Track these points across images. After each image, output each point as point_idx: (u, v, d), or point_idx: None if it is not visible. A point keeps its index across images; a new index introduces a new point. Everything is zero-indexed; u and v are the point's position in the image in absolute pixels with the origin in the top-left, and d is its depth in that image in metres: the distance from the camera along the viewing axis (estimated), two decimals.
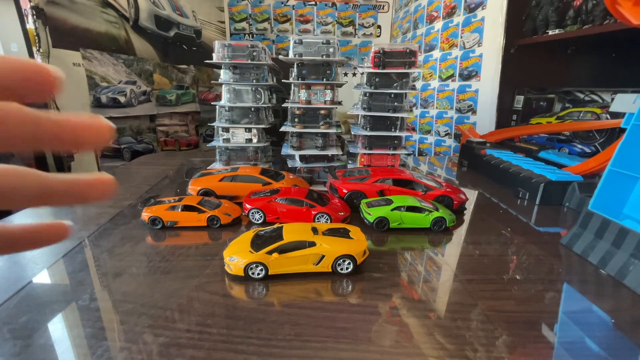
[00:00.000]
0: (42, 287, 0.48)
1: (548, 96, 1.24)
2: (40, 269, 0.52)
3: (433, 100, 1.84)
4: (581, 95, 1.12)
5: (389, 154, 0.97)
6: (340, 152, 0.95)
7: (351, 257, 0.50)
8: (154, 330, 0.38)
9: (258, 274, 0.49)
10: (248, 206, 0.69)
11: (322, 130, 0.92)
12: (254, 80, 0.94)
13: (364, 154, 0.97)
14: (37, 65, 0.14)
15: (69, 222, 0.19)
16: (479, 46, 1.52)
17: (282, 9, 2.31)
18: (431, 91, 1.85)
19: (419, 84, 1.94)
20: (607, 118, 1.04)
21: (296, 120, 0.92)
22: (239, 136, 0.98)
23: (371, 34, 2.38)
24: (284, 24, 2.34)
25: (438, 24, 1.76)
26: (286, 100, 0.95)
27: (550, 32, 1.19)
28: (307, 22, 2.34)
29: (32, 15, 1.29)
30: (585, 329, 0.41)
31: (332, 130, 0.93)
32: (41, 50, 1.31)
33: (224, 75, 0.95)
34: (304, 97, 0.91)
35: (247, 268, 0.48)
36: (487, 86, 1.49)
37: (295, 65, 0.89)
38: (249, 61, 0.91)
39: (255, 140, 0.98)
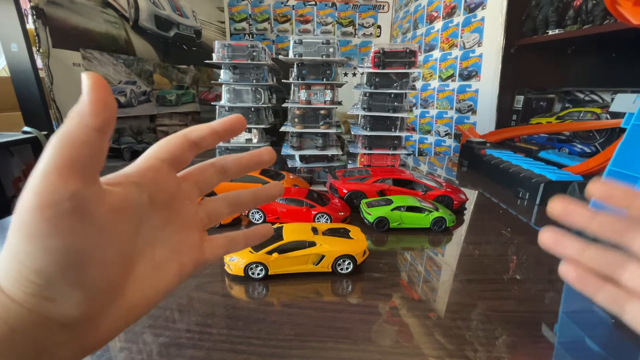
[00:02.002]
0: None
1: (548, 96, 1.24)
2: None
3: (433, 100, 1.84)
4: (581, 95, 1.12)
5: (389, 154, 0.97)
6: (340, 152, 0.95)
7: (351, 257, 0.50)
8: (154, 330, 0.38)
9: (258, 274, 0.49)
10: None
11: (322, 130, 0.92)
12: (254, 80, 0.94)
13: (364, 154, 0.97)
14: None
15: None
16: (479, 46, 1.52)
17: (282, 9, 2.31)
18: (431, 91, 1.85)
19: (419, 84, 1.95)
20: (607, 118, 1.04)
21: (296, 120, 0.92)
22: (239, 136, 0.98)
23: (371, 34, 2.38)
24: (284, 24, 2.34)
25: (438, 24, 1.76)
26: (286, 100, 0.95)
27: (550, 32, 1.19)
28: (307, 22, 2.34)
29: (32, 15, 1.29)
30: (585, 329, 0.41)
31: (332, 130, 0.93)
32: (41, 50, 1.31)
33: (224, 75, 0.95)
34: (303, 97, 0.91)
35: (247, 268, 0.48)
36: (487, 86, 1.49)
37: (295, 65, 0.89)
38: (249, 61, 0.91)
39: (255, 140, 0.98)
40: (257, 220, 0.69)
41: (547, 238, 0.25)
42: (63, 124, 0.17)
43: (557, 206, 0.23)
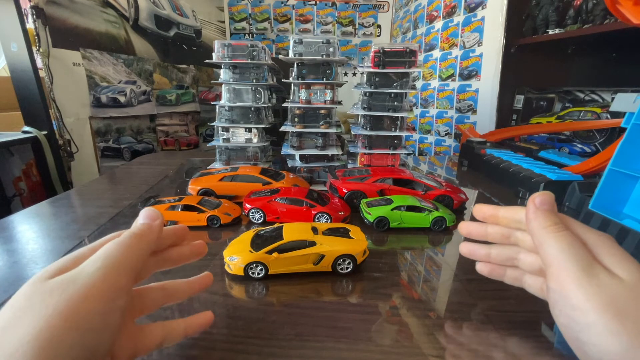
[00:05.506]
0: None
1: (548, 96, 1.24)
2: (40, 268, 0.52)
3: (433, 100, 1.84)
4: (581, 95, 1.12)
5: (389, 154, 0.97)
6: (340, 152, 0.95)
7: (351, 257, 0.50)
8: None
9: (258, 274, 0.49)
10: (248, 206, 0.69)
11: (322, 130, 0.92)
12: (254, 80, 0.94)
13: (364, 153, 0.97)
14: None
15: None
16: (479, 46, 1.52)
17: (282, 8, 2.31)
18: (431, 91, 1.85)
19: (419, 84, 1.94)
20: (607, 117, 1.04)
21: (296, 120, 0.92)
22: (239, 136, 0.98)
23: (371, 33, 2.38)
24: (284, 23, 2.34)
25: (438, 24, 1.76)
26: (286, 100, 0.95)
27: (551, 32, 1.19)
28: (307, 22, 2.34)
29: (32, 15, 1.29)
30: None
31: (332, 130, 0.93)
32: (41, 50, 1.31)
33: (224, 75, 0.95)
34: (304, 97, 0.91)
35: (247, 268, 0.48)
36: (487, 86, 1.49)
37: (295, 65, 0.89)
38: (249, 61, 0.91)
39: (255, 140, 0.98)
40: (257, 220, 0.69)
41: (465, 250, 0.37)
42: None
43: (463, 228, 0.37)
